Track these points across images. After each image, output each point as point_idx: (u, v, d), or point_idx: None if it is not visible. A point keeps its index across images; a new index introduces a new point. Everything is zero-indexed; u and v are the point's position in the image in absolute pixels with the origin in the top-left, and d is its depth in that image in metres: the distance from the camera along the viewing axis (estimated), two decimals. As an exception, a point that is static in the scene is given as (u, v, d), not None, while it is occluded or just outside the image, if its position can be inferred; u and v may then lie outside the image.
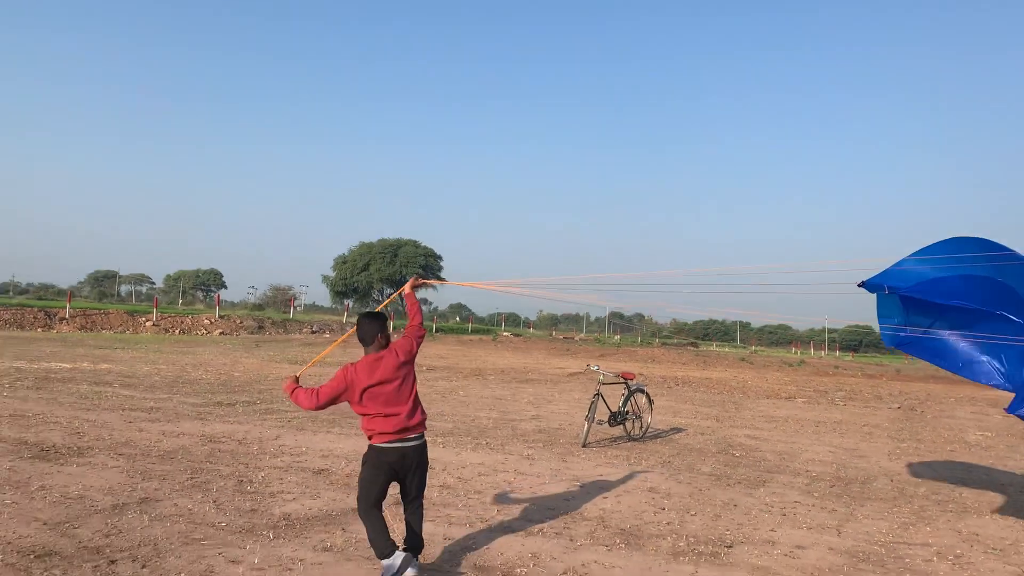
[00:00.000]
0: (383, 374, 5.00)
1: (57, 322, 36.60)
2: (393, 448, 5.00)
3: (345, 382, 4.99)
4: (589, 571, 5.52)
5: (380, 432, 4.97)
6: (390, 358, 5.12)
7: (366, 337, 5.20)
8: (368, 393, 4.95)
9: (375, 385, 4.96)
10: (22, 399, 12.20)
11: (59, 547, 5.30)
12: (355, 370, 5.02)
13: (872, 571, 5.97)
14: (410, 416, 5.06)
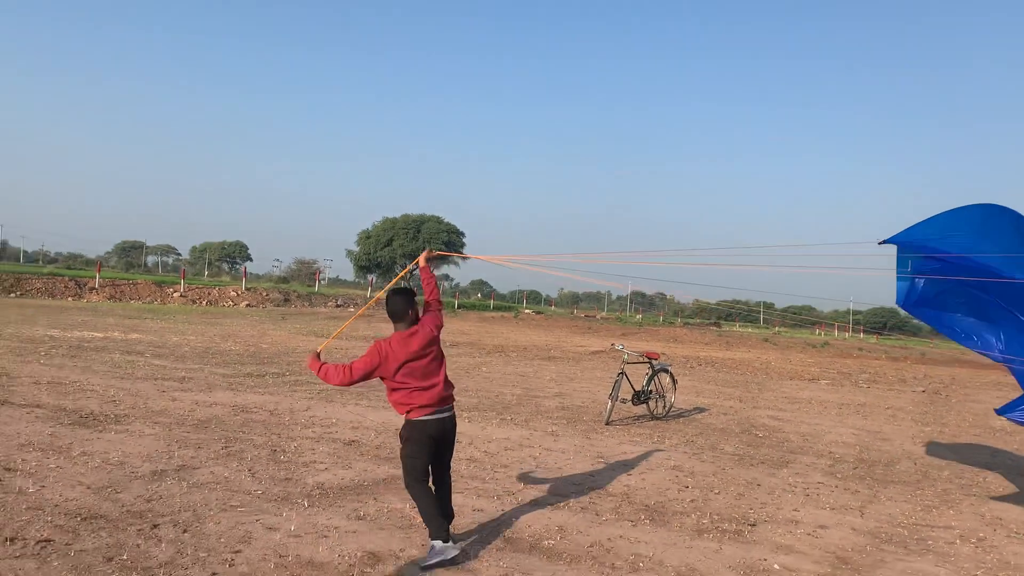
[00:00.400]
0: (418, 348, 5.09)
1: (87, 292, 37.21)
2: (435, 420, 5.11)
3: (379, 357, 5.04)
4: (615, 545, 5.64)
5: (420, 406, 5.06)
6: (422, 332, 5.20)
7: (397, 312, 5.22)
8: (405, 368, 5.04)
9: (411, 360, 5.06)
10: (58, 367, 12.49)
11: (104, 510, 5.49)
12: (389, 345, 5.07)
13: (895, 552, 6.04)
14: (446, 387, 5.18)
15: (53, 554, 4.61)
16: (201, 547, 4.93)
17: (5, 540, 4.76)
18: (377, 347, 5.08)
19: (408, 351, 5.07)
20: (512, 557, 5.22)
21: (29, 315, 23.22)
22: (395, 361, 5.03)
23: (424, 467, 5.16)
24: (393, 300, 5.25)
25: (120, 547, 4.81)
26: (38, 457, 6.80)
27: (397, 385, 5.10)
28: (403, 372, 5.04)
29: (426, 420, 5.09)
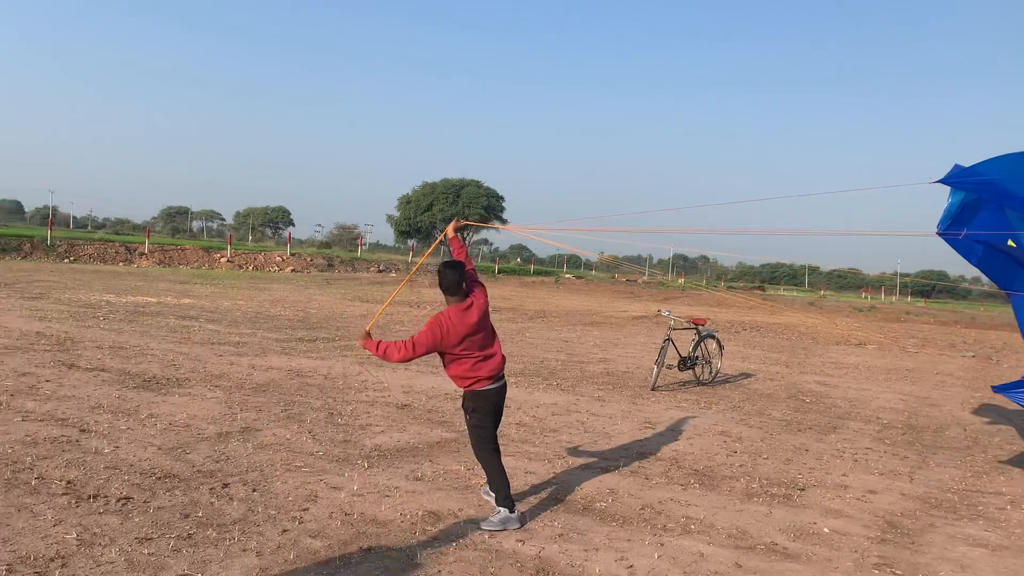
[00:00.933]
0: (476, 321, 5.15)
1: (137, 257, 38.08)
2: (495, 389, 5.25)
3: (441, 332, 5.06)
4: (665, 508, 5.77)
5: (484, 377, 5.17)
6: (477, 304, 5.24)
7: (452, 286, 5.21)
8: (465, 341, 5.10)
9: (471, 333, 5.13)
10: (117, 332, 12.92)
11: (176, 470, 5.76)
12: (449, 319, 5.09)
13: (944, 517, 6.09)
14: (502, 357, 5.32)
15: (134, 511, 4.87)
16: (271, 505, 5.17)
17: (88, 497, 5.04)
18: (438, 322, 5.10)
19: (467, 324, 5.11)
20: (566, 518, 5.38)
21: (84, 280, 23.89)
22: (456, 335, 5.06)
23: (492, 435, 5.31)
24: (446, 274, 5.21)
25: (195, 505, 5.06)
26: (109, 419, 7.11)
27: (456, 357, 5.15)
28: (463, 345, 5.10)
29: (489, 390, 5.21)
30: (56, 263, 32.61)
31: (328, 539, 4.66)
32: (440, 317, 5.12)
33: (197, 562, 4.19)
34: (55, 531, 4.45)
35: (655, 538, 5.11)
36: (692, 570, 4.61)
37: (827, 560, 4.95)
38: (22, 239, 35.15)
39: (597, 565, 4.57)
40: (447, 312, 5.17)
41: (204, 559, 4.24)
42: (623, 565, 4.61)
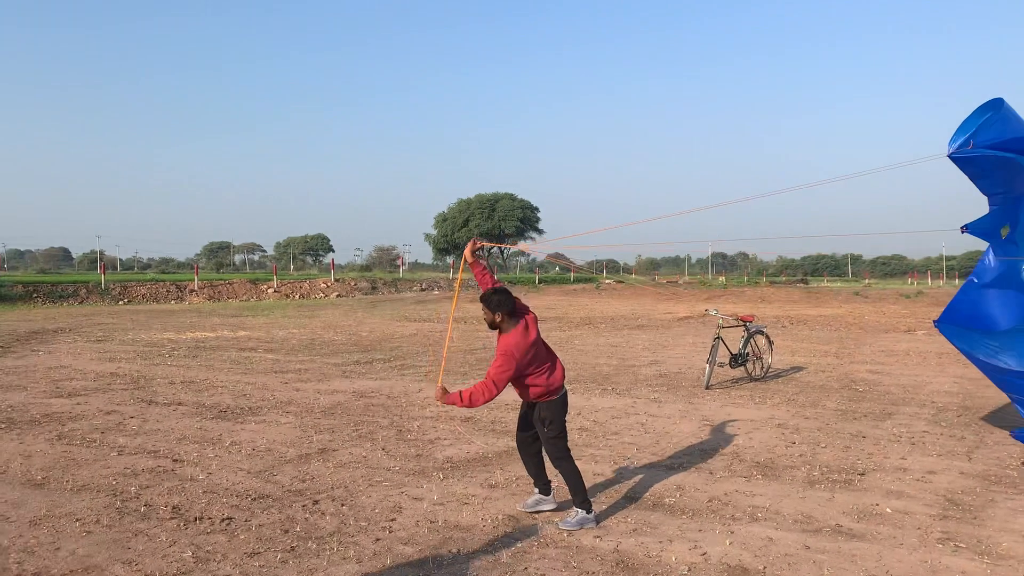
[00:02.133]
0: (535, 336, 5.40)
1: (188, 294, 39.15)
2: (564, 395, 5.56)
3: (515, 360, 5.23)
4: (732, 499, 6.03)
5: (557, 386, 5.46)
6: (530, 319, 5.45)
7: (508, 308, 5.34)
8: (533, 358, 5.33)
9: (535, 349, 5.35)
10: (185, 367, 13.49)
11: (267, 491, 6.17)
12: (516, 345, 5.25)
13: (1004, 492, 6.25)
14: (561, 364, 5.63)
15: (237, 529, 5.28)
16: (360, 517, 5.54)
17: (194, 519, 5.46)
18: (509, 352, 5.21)
19: (529, 342, 5.31)
20: (638, 514, 5.67)
21: (142, 320, 24.74)
22: (525, 357, 5.26)
23: (566, 442, 5.57)
24: (499, 300, 5.31)
25: (291, 521, 5.45)
26: (197, 448, 7.57)
27: (526, 375, 5.33)
28: (532, 363, 5.32)
29: (560, 398, 5.50)
30: (111, 305, 33.71)
31: (419, 545, 5.01)
32: (510, 347, 5.23)
33: (304, 571, 4.57)
34: (171, 551, 4.87)
35: (725, 527, 5.37)
36: (763, 553, 4.88)
37: (892, 537, 5.17)
38: (77, 284, 36.38)
39: (673, 554, 4.86)
40: (511, 338, 5.28)
41: (310, 568, 4.61)
42: (697, 553, 4.88)
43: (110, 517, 5.50)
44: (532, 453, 5.71)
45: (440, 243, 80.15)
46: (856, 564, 4.72)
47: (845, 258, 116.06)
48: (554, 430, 5.50)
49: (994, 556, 4.86)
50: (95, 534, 5.16)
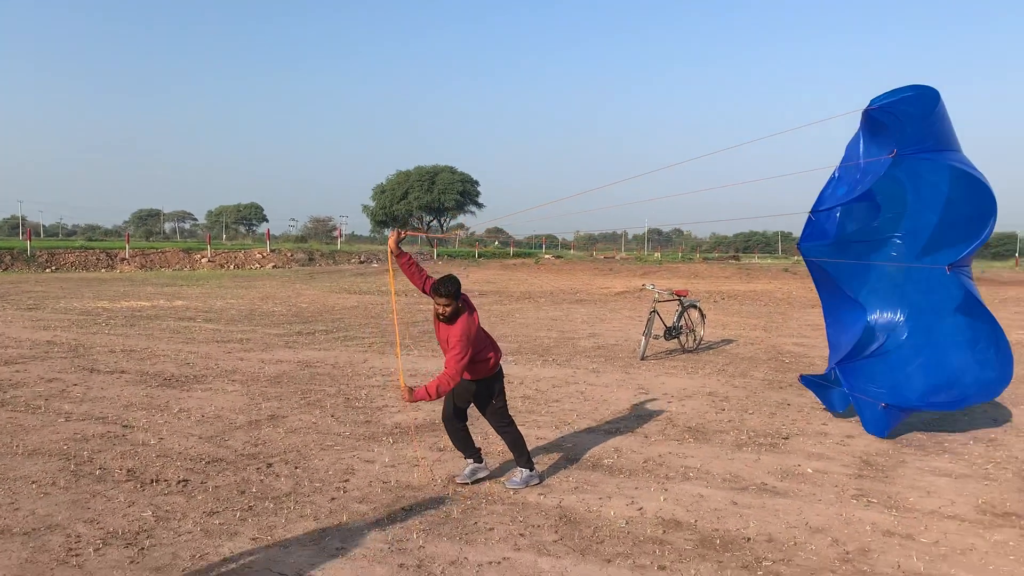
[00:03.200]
0: (478, 320, 5.57)
1: (118, 262, 38.23)
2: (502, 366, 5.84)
3: (471, 342, 5.38)
4: (666, 460, 6.42)
5: (496, 359, 5.68)
6: (470, 304, 5.55)
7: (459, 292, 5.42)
8: (481, 336, 5.57)
9: (480, 328, 5.57)
10: (124, 336, 13.37)
11: (221, 455, 6.32)
12: (470, 328, 5.38)
13: (914, 454, 6.80)
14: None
15: (195, 491, 5.44)
16: (315, 479, 5.75)
17: (151, 482, 5.60)
18: (467, 337, 5.31)
19: (477, 323, 5.52)
20: (579, 474, 6.02)
21: (72, 288, 24.17)
22: (477, 338, 5.48)
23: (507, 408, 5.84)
24: (452, 285, 5.34)
25: (247, 483, 5.63)
26: (145, 415, 7.64)
27: (478, 353, 5.49)
28: (481, 342, 5.55)
29: (501, 368, 5.78)
30: (38, 273, 32.76)
31: (373, 503, 5.26)
32: (464, 331, 5.33)
33: (264, 528, 4.77)
34: (132, 511, 5.01)
35: (659, 485, 5.76)
36: (694, 508, 5.27)
37: (811, 494, 5.63)
38: (0, 251, 35.17)
39: (612, 509, 5.21)
40: (465, 324, 5.37)
41: (269, 525, 4.82)
42: (634, 508, 5.25)
43: (66, 479, 5.60)
44: (458, 429, 5.78)
45: (378, 215, 79.50)
46: (778, 517, 5.15)
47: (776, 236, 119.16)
48: (501, 400, 5.75)
49: (901, 510, 5.35)
50: (53, 495, 5.27)
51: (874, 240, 7.77)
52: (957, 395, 7.33)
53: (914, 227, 7.56)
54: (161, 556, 4.32)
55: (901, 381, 7.43)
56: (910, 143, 7.11)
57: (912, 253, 7.62)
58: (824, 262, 7.68)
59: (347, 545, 4.54)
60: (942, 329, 7.43)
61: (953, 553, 4.60)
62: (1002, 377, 7.33)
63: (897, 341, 7.68)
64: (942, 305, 7.42)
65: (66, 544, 4.45)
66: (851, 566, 4.38)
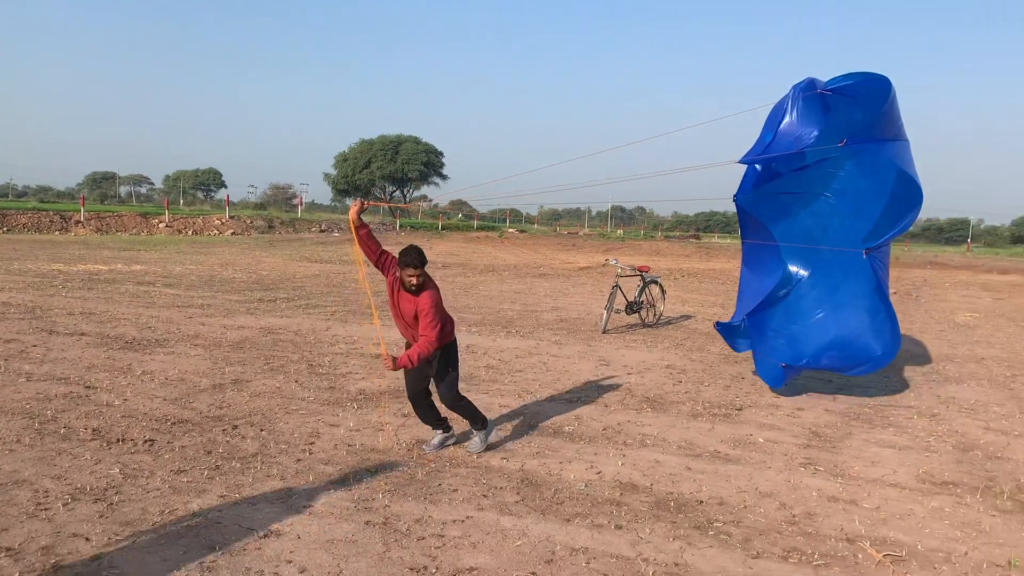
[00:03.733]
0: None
1: (73, 225, 37.45)
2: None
3: (440, 307, 5.48)
4: (624, 428, 6.62)
5: (453, 327, 5.73)
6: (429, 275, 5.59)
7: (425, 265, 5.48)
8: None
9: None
10: (82, 299, 13.21)
11: (186, 416, 6.37)
12: (436, 295, 5.46)
13: (861, 426, 7.08)
14: None
15: (161, 450, 5.50)
16: (280, 441, 5.84)
17: (116, 440, 5.64)
18: (436, 306, 5.41)
19: (439, 292, 5.57)
20: (540, 440, 6.19)
21: (26, 251, 23.67)
22: (442, 306, 5.55)
23: None
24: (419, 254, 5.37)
25: (213, 443, 5.70)
26: (108, 376, 7.63)
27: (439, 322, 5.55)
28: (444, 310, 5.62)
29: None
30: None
31: (339, 465, 5.37)
32: (433, 300, 5.41)
33: (231, 486, 4.86)
34: (99, 468, 5.07)
35: (617, 451, 5.95)
36: (650, 472, 5.47)
37: (762, 462, 5.87)
38: (-51, 210, 34.24)
39: (572, 473, 5.39)
40: (433, 293, 5.45)
41: (237, 483, 4.91)
42: (593, 471, 5.44)
43: (31, 438, 5.61)
44: (427, 405, 5.82)
45: (340, 184, 78.71)
46: (730, 482, 5.38)
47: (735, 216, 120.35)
48: (455, 370, 5.74)
49: (846, 477, 5.61)
50: (18, 452, 5.29)
51: (804, 193, 7.95)
52: (845, 360, 7.75)
53: (843, 188, 7.75)
54: (131, 511, 4.40)
55: (799, 334, 7.79)
56: (858, 129, 7.32)
57: (841, 215, 7.81)
58: (755, 209, 7.93)
59: (314, 503, 4.65)
60: (847, 289, 7.72)
61: (892, 517, 4.86)
62: (887, 355, 7.69)
63: (803, 292, 8.01)
64: (852, 268, 7.73)
65: (34, 499, 4.50)
66: (797, 528, 4.62)
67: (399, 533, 4.28)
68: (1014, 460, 6.23)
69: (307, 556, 3.94)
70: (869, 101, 7.29)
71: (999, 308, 18.58)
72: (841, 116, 7.31)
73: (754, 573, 4.00)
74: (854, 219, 7.61)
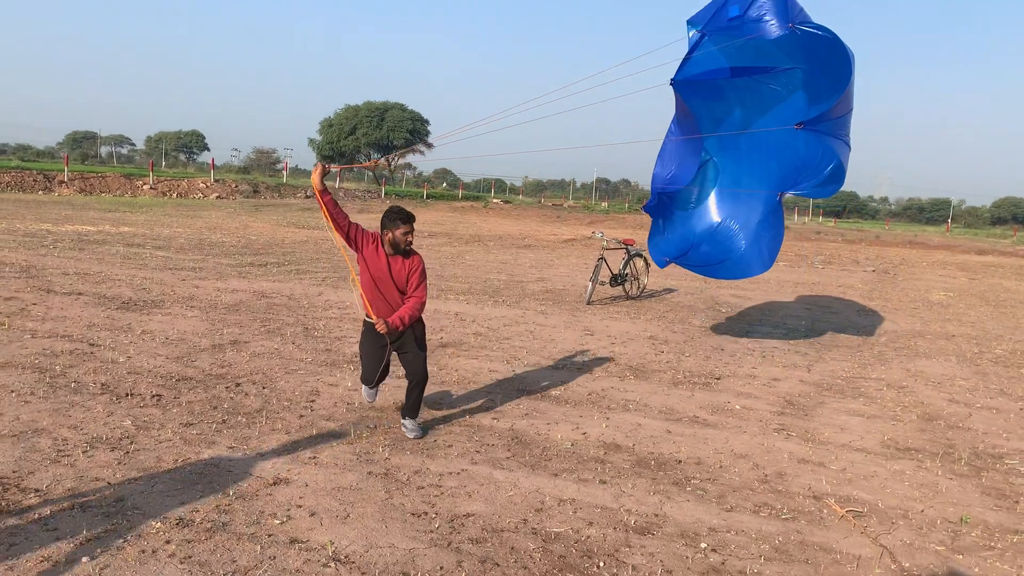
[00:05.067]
0: None
1: (57, 185, 37.22)
2: None
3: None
4: (608, 394, 6.96)
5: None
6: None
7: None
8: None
9: None
10: (75, 260, 13.35)
11: (189, 374, 6.64)
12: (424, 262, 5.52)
13: (832, 396, 7.47)
14: None
15: (169, 404, 5.77)
16: (282, 398, 6.13)
17: (126, 395, 5.91)
18: (424, 270, 5.46)
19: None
20: (528, 403, 6.51)
21: (10, 210, 23.61)
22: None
23: None
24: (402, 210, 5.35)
25: (218, 399, 5.98)
26: (110, 335, 7.87)
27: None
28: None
29: None
30: (-29, 192, 31.77)
31: (339, 421, 5.68)
32: (422, 263, 5.45)
33: (239, 439, 5.15)
34: (111, 420, 5.34)
35: (601, 414, 6.29)
36: (632, 434, 5.82)
37: (737, 427, 6.23)
38: (-70, 167, 33.93)
39: (559, 433, 5.73)
40: (420, 258, 5.47)
41: (243, 436, 5.20)
42: (578, 432, 5.77)
43: (43, 391, 5.86)
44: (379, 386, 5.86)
45: (325, 150, 78.22)
46: (707, 444, 5.73)
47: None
48: (424, 346, 5.64)
49: (816, 442, 5.98)
50: (33, 404, 5.54)
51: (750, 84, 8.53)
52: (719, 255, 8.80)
53: (789, 80, 8.26)
54: (146, 459, 4.68)
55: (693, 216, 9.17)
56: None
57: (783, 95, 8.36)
58: (690, 101, 8.64)
59: (318, 455, 4.96)
60: (750, 179, 8.83)
61: (857, 478, 5.23)
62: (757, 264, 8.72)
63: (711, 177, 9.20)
64: (765, 162, 8.59)
65: (55, 446, 4.77)
66: (768, 486, 4.98)
67: (399, 483, 4.60)
68: (974, 430, 6.63)
69: (315, 501, 4.25)
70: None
71: (973, 288, 19.09)
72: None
73: (727, 524, 4.35)
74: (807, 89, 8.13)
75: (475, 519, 4.18)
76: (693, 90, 8.50)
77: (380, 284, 5.37)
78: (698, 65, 8.24)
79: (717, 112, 8.81)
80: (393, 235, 5.30)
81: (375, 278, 5.37)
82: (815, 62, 7.88)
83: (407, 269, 5.38)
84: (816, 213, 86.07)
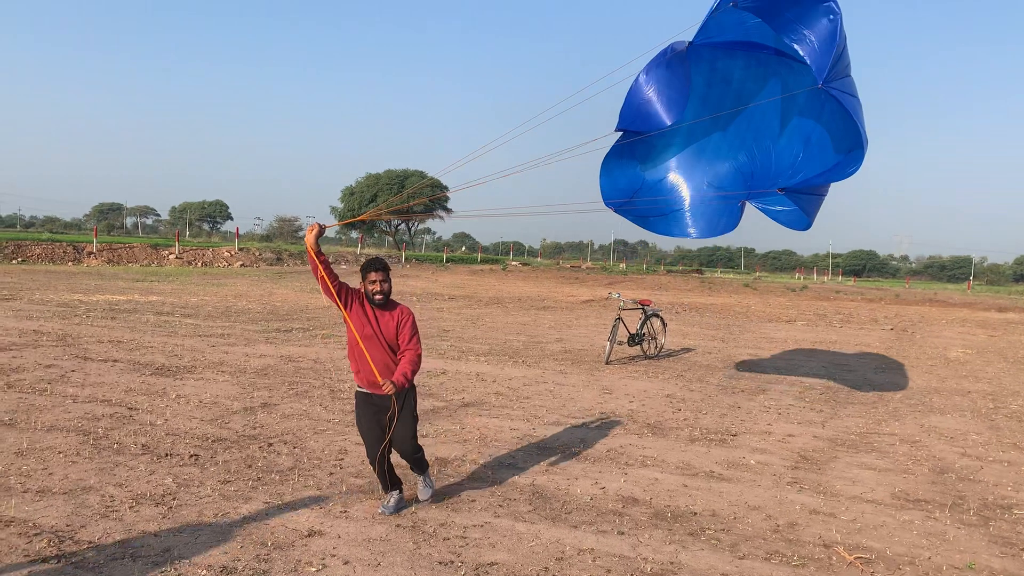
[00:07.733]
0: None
1: (85, 256, 38.21)
2: None
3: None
4: (626, 450, 7.18)
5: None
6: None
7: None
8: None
9: None
10: (108, 328, 13.82)
11: (223, 435, 6.94)
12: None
13: (846, 451, 7.63)
14: None
15: (206, 464, 6.07)
16: (312, 457, 6.41)
17: (164, 455, 6.21)
18: (415, 323, 5.34)
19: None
20: (549, 459, 6.75)
21: (44, 281, 24.35)
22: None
23: None
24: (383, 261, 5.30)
25: (252, 459, 6.27)
26: (147, 399, 8.22)
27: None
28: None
29: None
30: (5, 264, 32.69)
31: (367, 478, 5.93)
32: (413, 317, 5.36)
33: (274, 495, 5.43)
34: (153, 478, 5.64)
35: (620, 470, 6.51)
36: (650, 488, 6.03)
37: (752, 480, 6.42)
38: (-35, 241, 35.00)
39: (578, 488, 5.95)
40: (408, 309, 5.39)
41: (278, 492, 5.48)
42: (598, 487, 6.00)
43: (88, 451, 6.19)
44: (388, 463, 5.38)
45: (347, 217, 79.72)
46: (722, 497, 5.93)
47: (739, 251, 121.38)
48: (415, 409, 5.43)
49: (828, 494, 6.16)
50: (79, 464, 5.86)
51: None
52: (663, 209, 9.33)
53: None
54: (188, 514, 4.96)
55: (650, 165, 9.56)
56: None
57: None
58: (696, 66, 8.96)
59: (349, 509, 5.22)
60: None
61: (867, 528, 5.41)
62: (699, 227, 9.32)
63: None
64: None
65: (103, 502, 5.07)
66: (780, 535, 5.17)
67: (426, 535, 4.84)
68: (984, 482, 6.78)
69: (349, 551, 4.50)
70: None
71: (992, 345, 19.14)
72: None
73: (740, 571, 4.55)
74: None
75: (499, 567, 4.41)
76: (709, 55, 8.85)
77: (367, 342, 5.16)
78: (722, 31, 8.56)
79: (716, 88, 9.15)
80: (363, 286, 5.24)
81: (362, 335, 5.17)
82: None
83: (395, 321, 5.20)
84: (836, 272, 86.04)
